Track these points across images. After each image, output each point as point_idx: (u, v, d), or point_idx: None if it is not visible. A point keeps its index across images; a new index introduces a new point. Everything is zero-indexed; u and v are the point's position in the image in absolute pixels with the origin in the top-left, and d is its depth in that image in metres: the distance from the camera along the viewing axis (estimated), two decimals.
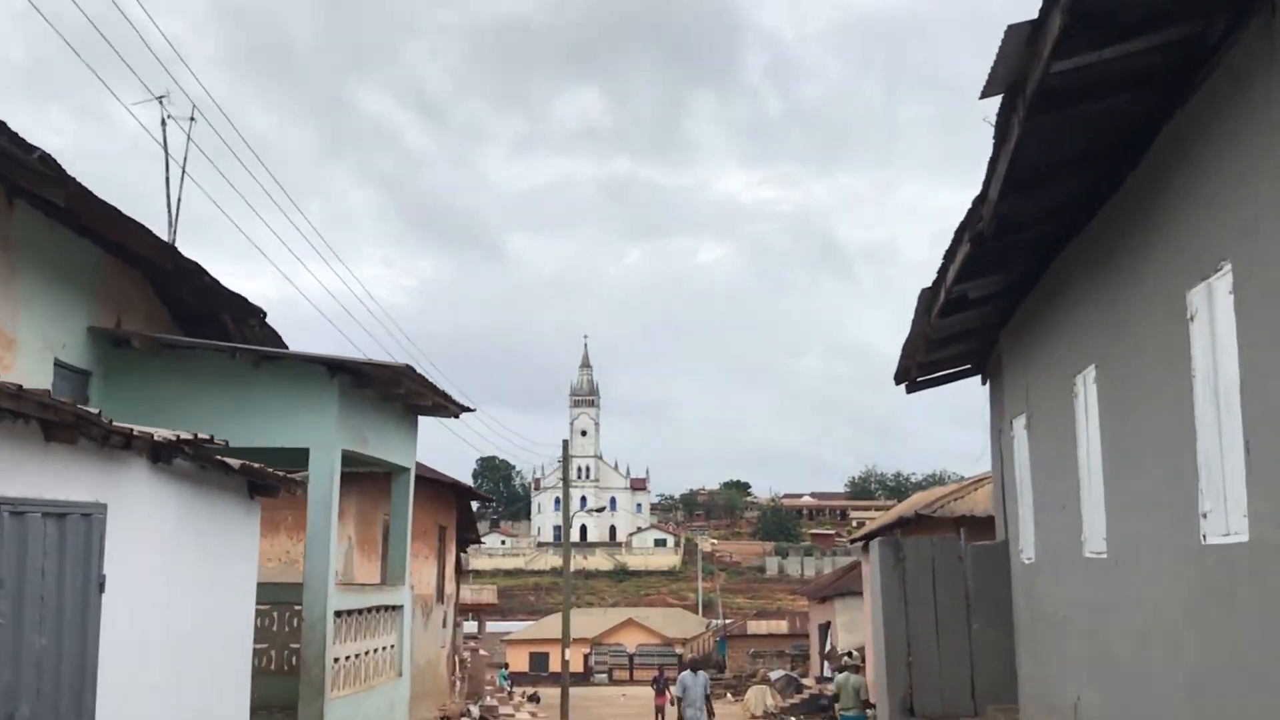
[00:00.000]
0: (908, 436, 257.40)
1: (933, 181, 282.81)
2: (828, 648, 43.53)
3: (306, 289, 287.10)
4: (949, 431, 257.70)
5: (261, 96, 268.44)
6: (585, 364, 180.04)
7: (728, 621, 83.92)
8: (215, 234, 77.96)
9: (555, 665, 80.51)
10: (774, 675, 47.17)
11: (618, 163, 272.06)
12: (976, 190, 7.76)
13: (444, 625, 26.20)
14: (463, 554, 33.14)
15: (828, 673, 43.02)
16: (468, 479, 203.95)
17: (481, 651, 49.30)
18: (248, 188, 25.83)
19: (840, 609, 42.37)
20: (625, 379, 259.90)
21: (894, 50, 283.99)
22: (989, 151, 7.16)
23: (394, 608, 13.60)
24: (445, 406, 13.96)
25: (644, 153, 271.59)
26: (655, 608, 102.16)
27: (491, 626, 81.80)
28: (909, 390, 14.29)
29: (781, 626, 73.89)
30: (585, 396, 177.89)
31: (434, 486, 24.38)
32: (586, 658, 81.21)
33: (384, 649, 12.98)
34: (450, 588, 26.88)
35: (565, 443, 37.51)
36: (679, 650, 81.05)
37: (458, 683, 27.59)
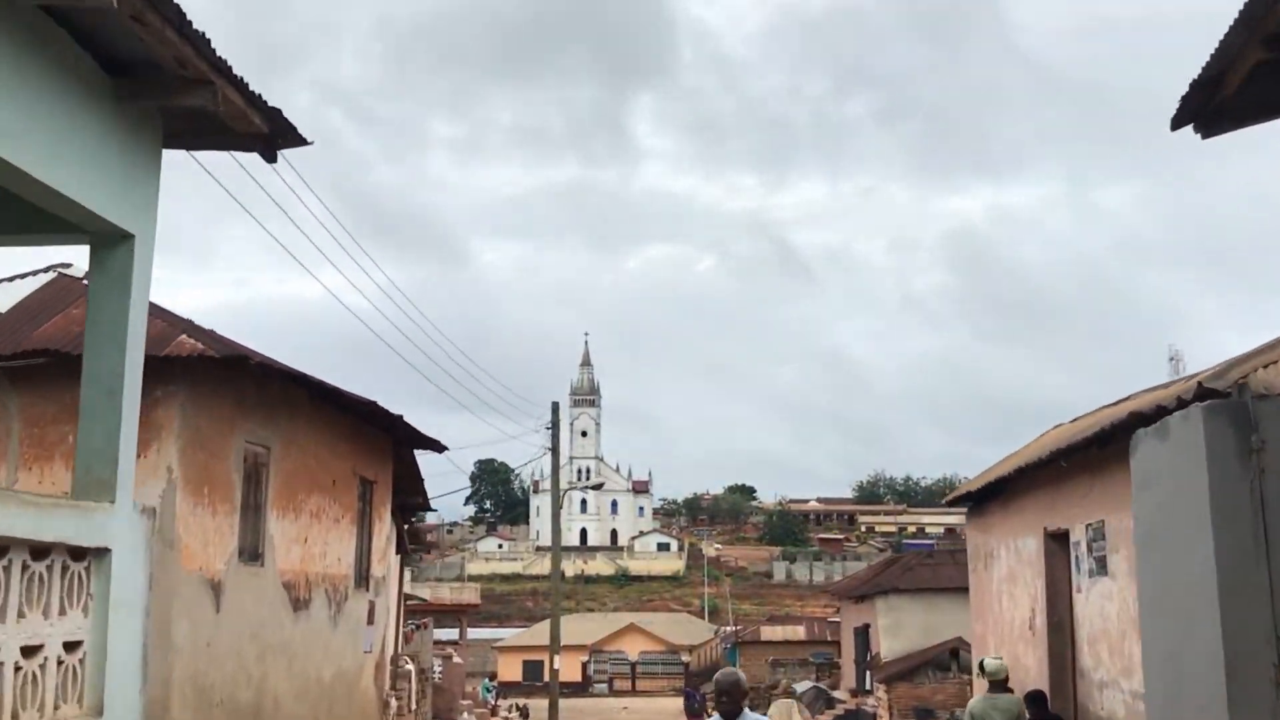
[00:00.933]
0: (894, 443, 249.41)
1: (886, 180, 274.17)
2: (871, 654, 35.93)
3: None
4: (933, 437, 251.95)
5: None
6: (585, 362, 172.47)
7: (738, 628, 76.21)
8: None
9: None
10: (800, 688, 39.58)
11: (567, 168, 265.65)
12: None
13: (371, 622, 18.61)
14: (409, 525, 25.63)
15: (869, 685, 35.43)
16: (464, 484, 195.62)
17: (456, 660, 41.77)
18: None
19: (883, 609, 34.82)
20: (604, 386, 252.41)
21: (834, 46, 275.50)
22: None
23: (86, 554, 5.96)
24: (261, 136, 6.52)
25: (594, 158, 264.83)
26: (659, 613, 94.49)
27: (478, 633, 74.42)
28: (1204, 132, 6.77)
29: (798, 632, 66.23)
30: (585, 396, 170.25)
31: (353, 418, 16.81)
32: (584, 666, 73.62)
33: (49, 656, 5.49)
34: (381, 569, 19.30)
35: (554, 419, 30.04)
36: (685, 658, 73.38)
37: (396, 702, 20.02)
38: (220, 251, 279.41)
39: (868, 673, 35.65)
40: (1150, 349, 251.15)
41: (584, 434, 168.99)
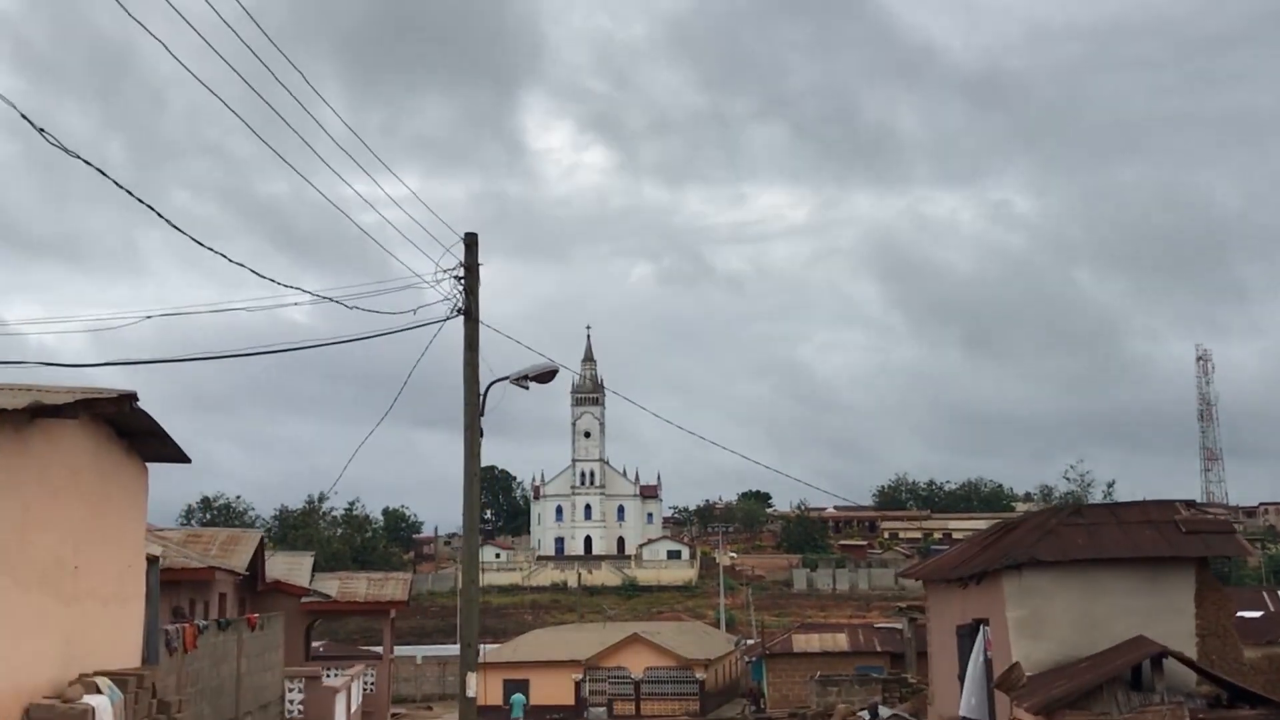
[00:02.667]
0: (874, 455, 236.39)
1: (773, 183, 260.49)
2: (986, 661, 22.68)
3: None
4: (916, 448, 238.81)
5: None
6: (588, 358, 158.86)
7: (762, 639, 62.80)
8: None
9: (539, 695, 59.50)
10: (873, 713, 26.18)
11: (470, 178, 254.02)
12: None
13: None
14: None
15: (995, 714, 22.16)
16: (457, 490, 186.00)
17: (367, 683, 28.60)
18: None
19: (1015, 594, 21.53)
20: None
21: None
22: None
23: None
24: None
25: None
26: (668, 623, 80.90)
27: (447, 649, 61.68)
28: None
29: (838, 642, 52.90)
30: (589, 394, 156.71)
31: None
32: (578, 686, 60.27)
33: None
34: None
35: (469, 260, 16.77)
36: (700, 675, 59.92)
37: None
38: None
39: (989, 694, 22.41)
40: (1096, 354, 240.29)
41: (587, 435, 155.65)
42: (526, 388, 17.27)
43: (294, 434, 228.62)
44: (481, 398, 17.10)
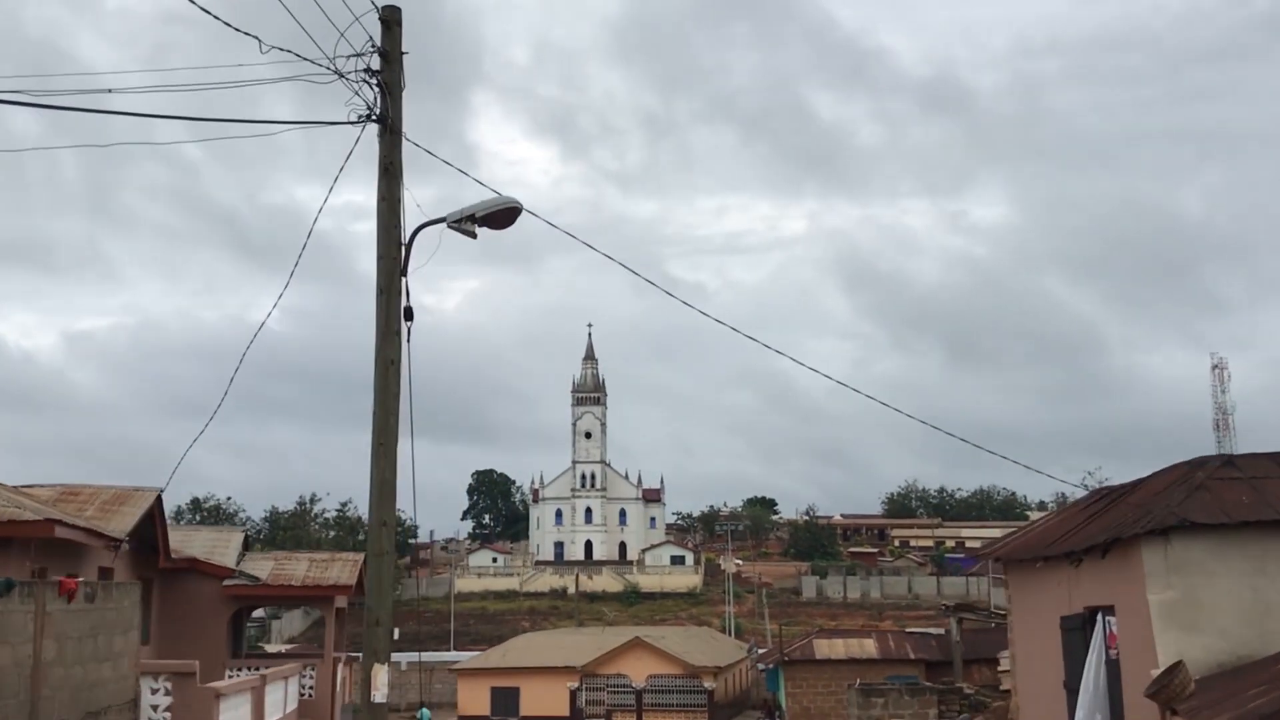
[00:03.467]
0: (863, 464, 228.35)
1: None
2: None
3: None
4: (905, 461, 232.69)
5: None
6: (589, 356, 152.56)
7: (771, 648, 56.72)
8: None
9: (530, 706, 53.33)
10: None
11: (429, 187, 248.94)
12: None
13: None
14: None
15: None
16: (461, 495, 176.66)
17: (304, 687, 22.60)
18: None
19: (1158, 571, 15.46)
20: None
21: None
22: None
23: None
24: None
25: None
26: (673, 627, 74.58)
27: (431, 656, 55.63)
28: None
29: (866, 648, 46.67)
30: (590, 394, 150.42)
31: None
32: (573, 696, 54.10)
33: None
34: None
35: (388, 44, 10.70)
36: (709, 684, 53.73)
37: None
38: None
39: (1115, 706, 16.30)
40: (1068, 366, 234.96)
41: (588, 435, 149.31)
42: (473, 234, 11.29)
43: (278, 439, 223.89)
44: (404, 248, 11.11)
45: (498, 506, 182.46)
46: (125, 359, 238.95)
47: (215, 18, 10.28)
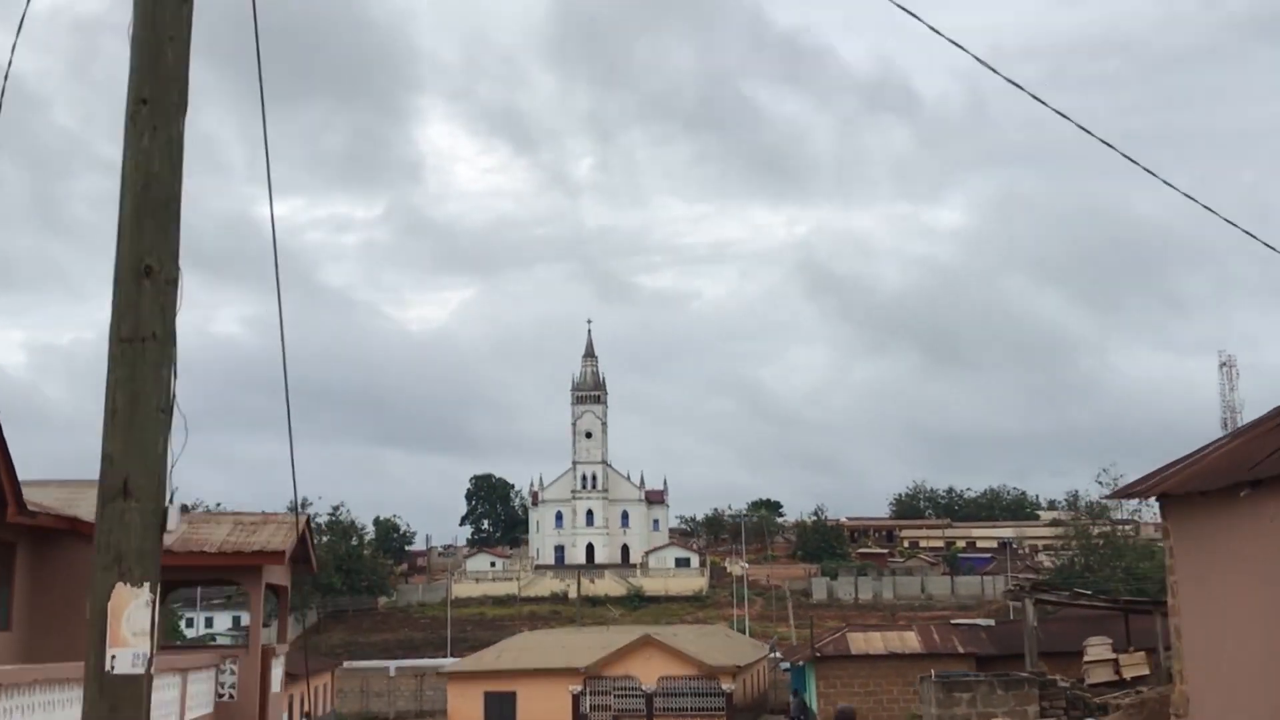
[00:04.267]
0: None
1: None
2: None
3: None
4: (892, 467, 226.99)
5: None
6: (589, 353, 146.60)
7: (794, 644, 50.85)
8: None
9: (527, 711, 47.42)
10: None
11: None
12: None
13: None
14: None
15: None
16: (460, 500, 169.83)
17: (222, 687, 16.66)
18: None
19: None
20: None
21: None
22: None
23: None
24: None
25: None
26: (685, 625, 68.56)
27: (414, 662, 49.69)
28: None
29: (908, 641, 40.90)
30: (590, 392, 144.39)
31: None
32: (576, 700, 48.16)
33: None
34: None
35: None
36: (727, 686, 47.83)
37: None
38: None
39: None
40: (1044, 371, 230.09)
41: (588, 435, 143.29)
42: None
43: (256, 451, 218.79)
44: None
45: (497, 512, 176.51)
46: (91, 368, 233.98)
47: None
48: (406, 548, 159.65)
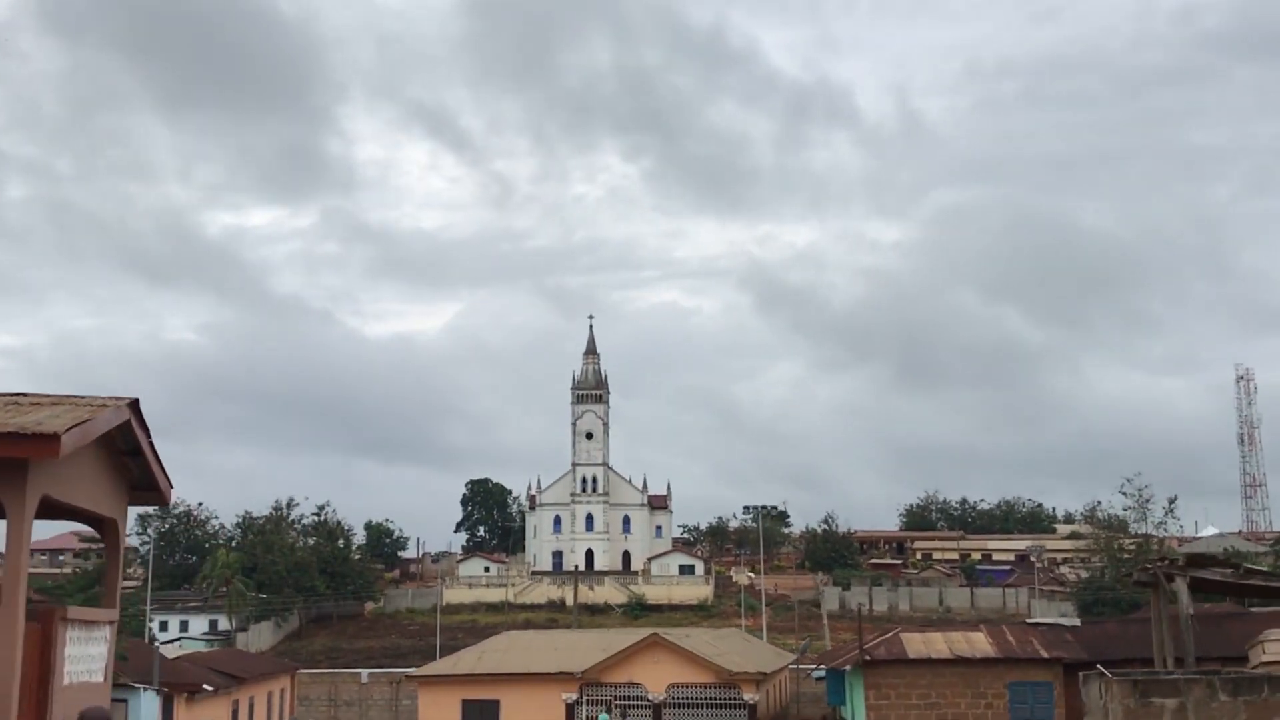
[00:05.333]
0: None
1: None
2: None
3: None
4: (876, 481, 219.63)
5: None
6: (590, 350, 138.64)
7: (828, 648, 42.98)
8: None
9: None
10: None
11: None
12: None
13: None
14: None
15: None
16: (455, 506, 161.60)
17: None
18: None
19: None
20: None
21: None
22: None
23: None
24: None
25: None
26: (697, 627, 60.37)
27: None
28: None
29: (977, 644, 33.00)
30: (591, 390, 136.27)
31: None
32: (571, 709, 40.15)
33: None
34: None
35: None
36: (750, 696, 39.80)
37: None
38: None
39: None
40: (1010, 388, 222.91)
41: (589, 436, 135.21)
42: None
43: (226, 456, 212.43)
44: None
45: (493, 518, 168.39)
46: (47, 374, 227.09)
47: None
48: (399, 553, 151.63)
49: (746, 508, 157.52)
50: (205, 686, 38.20)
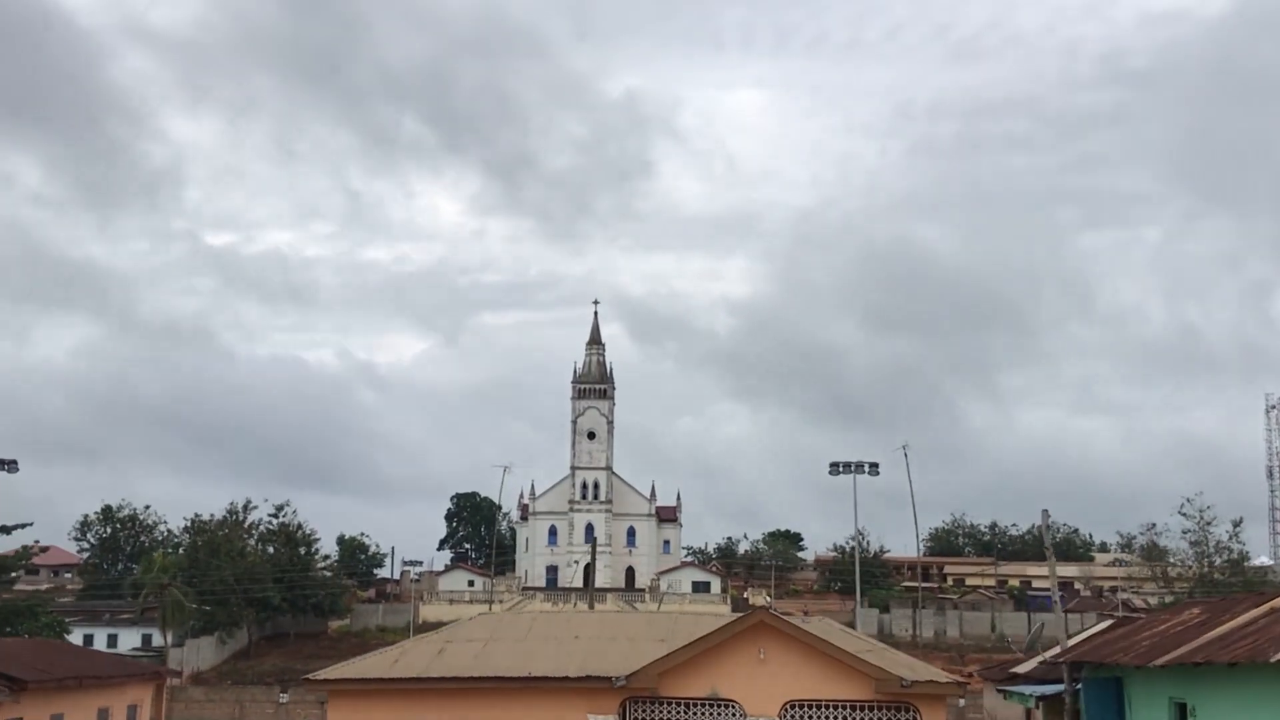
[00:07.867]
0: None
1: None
2: None
3: None
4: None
5: None
6: (594, 340, 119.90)
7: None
8: None
9: None
10: None
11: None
12: None
13: None
14: None
15: None
16: (440, 520, 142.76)
17: None
18: None
19: None
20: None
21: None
22: None
23: None
24: None
25: None
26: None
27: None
28: None
29: None
30: (594, 385, 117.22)
31: None
32: None
33: None
34: None
35: None
36: None
37: None
38: None
39: None
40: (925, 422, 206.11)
41: (591, 436, 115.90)
42: None
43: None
44: None
45: (481, 535, 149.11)
46: None
47: None
48: (375, 571, 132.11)
49: (761, 538, 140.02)
50: None
